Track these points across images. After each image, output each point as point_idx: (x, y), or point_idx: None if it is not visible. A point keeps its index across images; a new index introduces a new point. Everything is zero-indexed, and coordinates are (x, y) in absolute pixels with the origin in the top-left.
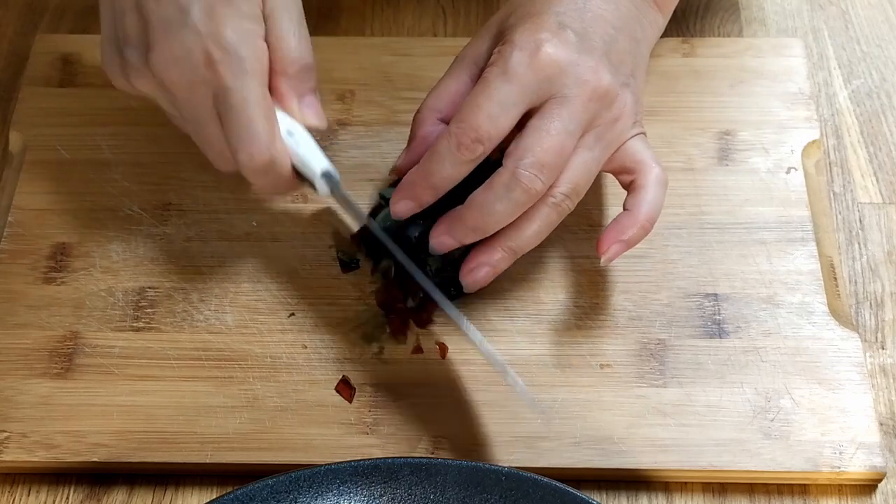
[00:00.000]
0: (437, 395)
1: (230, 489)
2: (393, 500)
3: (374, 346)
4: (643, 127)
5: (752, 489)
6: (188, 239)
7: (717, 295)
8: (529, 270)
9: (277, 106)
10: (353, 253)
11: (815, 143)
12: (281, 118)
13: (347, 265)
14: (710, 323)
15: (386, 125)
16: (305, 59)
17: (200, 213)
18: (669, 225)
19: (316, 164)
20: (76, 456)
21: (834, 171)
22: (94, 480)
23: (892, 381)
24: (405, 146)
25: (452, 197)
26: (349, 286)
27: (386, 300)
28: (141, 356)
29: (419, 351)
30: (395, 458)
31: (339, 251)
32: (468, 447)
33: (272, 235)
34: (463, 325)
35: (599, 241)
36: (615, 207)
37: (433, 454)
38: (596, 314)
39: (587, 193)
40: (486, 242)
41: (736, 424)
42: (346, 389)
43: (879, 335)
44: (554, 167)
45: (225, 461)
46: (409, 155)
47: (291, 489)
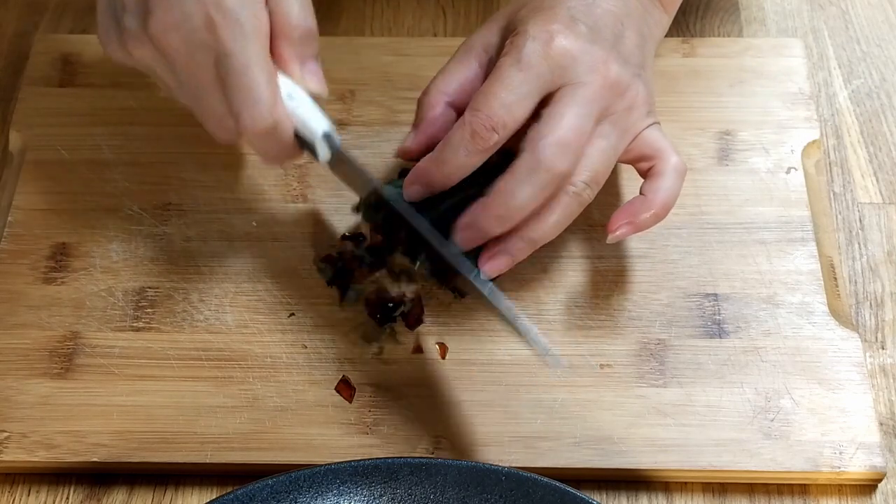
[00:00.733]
0: (437, 395)
1: (230, 489)
2: (393, 500)
3: (374, 346)
4: (657, 117)
5: (752, 489)
6: (188, 239)
7: (717, 295)
8: (529, 270)
9: (279, 71)
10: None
11: (815, 143)
12: (282, 82)
13: (332, 281)
14: (710, 323)
15: (386, 125)
16: (308, 24)
17: (200, 213)
18: (669, 225)
19: (317, 124)
20: (76, 456)
21: (834, 171)
22: (94, 480)
23: (892, 381)
24: (411, 128)
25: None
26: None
27: (375, 310)
28: (141, 356)
29: (419, 351)
30: (394, 458)
31: (318, 264)
32: (468, 447)
33: (272, 235)
34: (485, 288)
35: (611, 219)
36: (617, 207)
37: (433, 454)
38: (596, 314)
39: None
40: (506, 232)
41: (736, 424)
42: (346, 389)
43: (879, 335)
44: (574, 148)
45: (225, 461)
46: (417, 136)
47: (291, 489)
